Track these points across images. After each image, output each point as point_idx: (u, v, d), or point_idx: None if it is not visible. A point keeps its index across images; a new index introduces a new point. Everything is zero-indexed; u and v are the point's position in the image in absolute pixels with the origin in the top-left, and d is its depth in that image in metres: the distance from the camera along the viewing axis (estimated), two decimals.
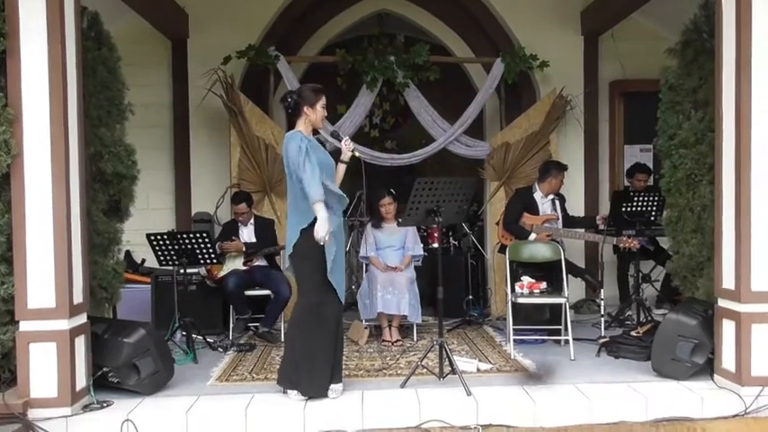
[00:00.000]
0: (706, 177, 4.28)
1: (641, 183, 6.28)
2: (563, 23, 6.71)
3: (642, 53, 6.53)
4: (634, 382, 4.06)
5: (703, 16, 4.42)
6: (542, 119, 6.43)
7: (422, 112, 6.45)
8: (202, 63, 6.23)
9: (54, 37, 3.54)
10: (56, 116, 3.56)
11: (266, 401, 3.85)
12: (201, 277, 5.74)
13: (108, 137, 4.26)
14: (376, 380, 4.28)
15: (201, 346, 5.11)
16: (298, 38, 6.88)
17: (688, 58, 4.48)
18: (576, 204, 6.46)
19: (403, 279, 5.32)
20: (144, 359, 3.91)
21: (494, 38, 6.84)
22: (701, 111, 4.33)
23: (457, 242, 6.93)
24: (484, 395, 3.82)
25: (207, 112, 6.48)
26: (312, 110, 3.89)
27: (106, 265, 4.29)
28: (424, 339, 5.42)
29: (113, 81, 4.36)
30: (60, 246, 3.58)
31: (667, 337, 4.08)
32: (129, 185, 4.48)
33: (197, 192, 6.65)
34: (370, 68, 6.26)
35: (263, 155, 6.16)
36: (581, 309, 6.45)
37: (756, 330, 3.74)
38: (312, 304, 3.87)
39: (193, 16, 6.53)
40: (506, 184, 6.46)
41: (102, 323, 4.08)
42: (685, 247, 4.44)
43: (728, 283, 3.86)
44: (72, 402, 3.61)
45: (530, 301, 4.92)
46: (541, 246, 5.21)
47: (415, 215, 4.24)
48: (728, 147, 3.84)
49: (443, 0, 6.92)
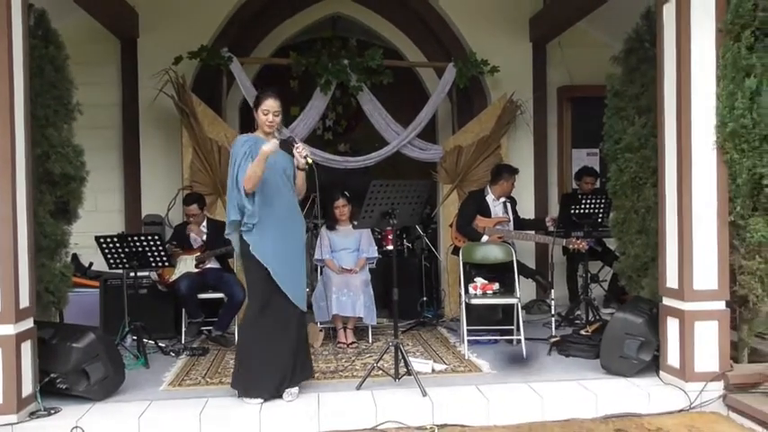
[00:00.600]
0: (650, 180, 4.44)
1: (588, 185, 6.48)
2: (512, 30, 6.86)
3: (588, 60, 6.72)
4: (584, 379, 4.17)
5: (645, 25, 4.59)
6: (493, 123, 6.56)
7: (375, 115, 6.49)
8: (153, 63, 6.11)
9: (0, 34, 3.43)
10: (2, 116, 3.46)
11: (221, 406, 3.81)
12: (152, 281, 5.62)
13: (55, 137, 4.14)
14: (332, 382, 4.29)
15: (153, 351, 5.01)
16: (251, 39, 6.82)
17: (631, 65, 4.65)
18: (527, 207, 6.61)
19: (358, 281, 5.34)
20: (93, 364, 3.83)
21: (446, 43, 6.94)
22: (645, 116, 4.49)
23: (411, 244, 6.99)
24: (439, 395, 3.87)
25: (158, 113, 6.36)
26: (257, 113, 3.95)
27: (53, 268, 4.17)
28: (379, 341, 5.45)
29: (61, 80, 4.25)
30: (6, 249, 3.48)
31: (615, 336, 4.21)
32: (77, 187, 4.37)
33: (147, 194, 6.52)
34: (323, 71, 6.27)
35: (215, 156, 6.09)
36: (532, 309, 6.58)
37: (699, 328, 3.88)
38: (257, 305, 3.89)
39: (144, 15, 6.41)
40: (459, 187, 6.56)
41: (50, 328, 3.97)
42: (631, 247, 4.60)
43: (672, 282, 4.01)
44: (18, 409, 3.51)
45: (483, 302, 5.01)
46: (494, 247, 5.32)
47: (370, 217, 4.26)
48: (670, 151, 4.00)
49: (396, 5, 6.98)
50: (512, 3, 6.85)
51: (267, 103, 3.90)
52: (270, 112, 3.89)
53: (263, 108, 3.90)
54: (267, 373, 3.84)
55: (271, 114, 3.89)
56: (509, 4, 6.85)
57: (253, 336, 3.90)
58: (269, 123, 3.91)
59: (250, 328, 3.94)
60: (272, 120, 3.90)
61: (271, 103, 3.90)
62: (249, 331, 3.94)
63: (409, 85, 7.28)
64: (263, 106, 3.91)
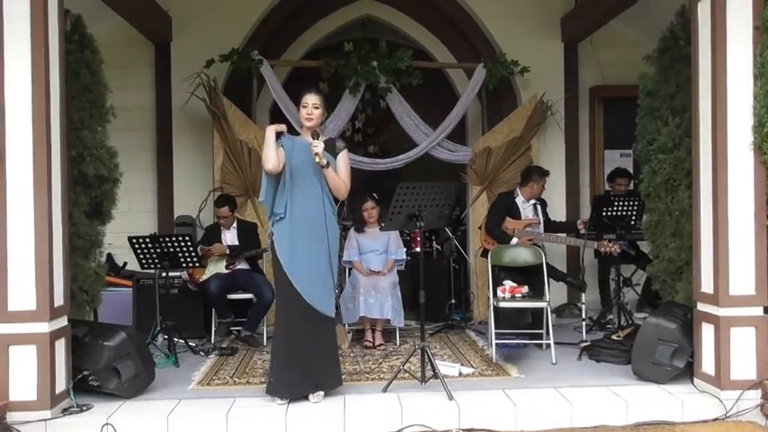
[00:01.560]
0: (684, 182, 4.35)
1: (621, 187, 6.37)
2: (543, 30, 6.78)
3: (621, 60, 6.62)
4: (615, 385, 4.09)
5: (679, 24, 4.50)
6: (523, 124, 6.49)
7: (404, 116, 6.48)
8: (186, 66, 6.21)
9: (37, 39, 3.53)
10: (38, 118, 3.54)
11: (248, 406, 3.84)
12: (183, 281, 5.70)
13: (90, 139, 4.23)
14: (358, 384, 4.28)
15: (183, 350, 5.08)
16: (281, 42, 6.88)
17: (665, 64, 4.55)
18: (558, 209, 6.53)
19: (386, 283, 5.34)
20: (125, 362, 3.89)
21: (475, 44, 6.89)
22: (679, 117, 4.40)
23: (440, 246, 6.96)
24: (466, 399, 3.84)
25: (190, 116, 6.46)
26: (299, 110, 4.02)
27: (87, 267, 4.25)
28: (406, 343, 5.43)
29: (96, 84, 4.34)
30: (41, 248, 3.56)
31: (648, 341, 4.12)
32: (111, 188, 4.45)
33: (180, 195, 6.62)
34: (353, 73, 6.29)
35: (245, 158, 6.15)
36: (563, 313, 6.50)
37: (735, 334, 3.78)
38: (279, 302, 3.99)
39: (177, 20, 6.52)
40: (488, 189, 6.51)
41: (83, 326, 4.05)
42: (665, 251, 4.50)
43: (707, 287, 3.91)
44: (51, 406, 3.58)
45: (512, 305, 4.94)
46: (523, 250, 5.25)
47: (397, 220, 4.25)
48: (705, 152, 3.91)
49: (426, 7, 6.97)
50: (543, 2, 6.78)
51: (305, 97, 3.96)
52: (309, 105, 3.95)
53: (302, 102, 3.97)
54: (286, 372, 3.86)
55: (310, 107, 3.94)
56: (540, 3, 6.78)
57: (276, 332, 3.99)
58: (307, 116, 3.94)
59: (276, 324, 4.04)
60: (311, 112, 3.94)
61: (309, 97, 3.95)
62: (276, 327, 4.03)
63: (438, 87, 7.26)
64: (302, 100, 3.97)
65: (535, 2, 6.77)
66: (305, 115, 3.96)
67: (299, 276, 3.86)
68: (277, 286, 4.02)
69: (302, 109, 3.97)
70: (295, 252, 3.87)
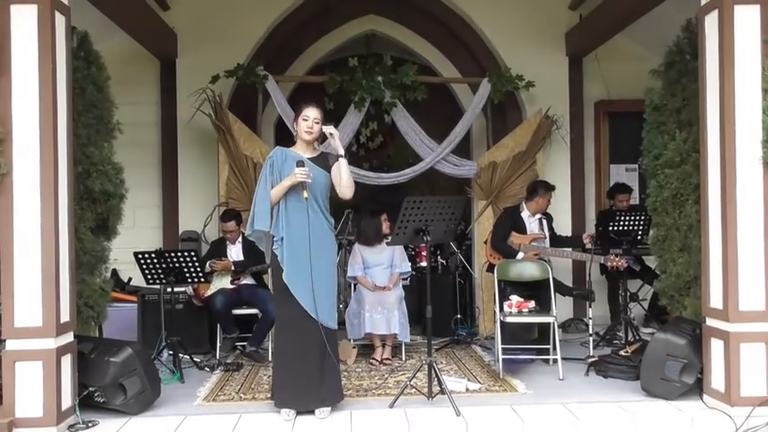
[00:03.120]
0: (691, 197, 4.33)
1: (623, 203, 6.34)
2: (548, 44, 6.80)
3: (626, 74, 6.64)
4: (623, 401, 4.06)
5: (686, 38, 4.49)
6: (528, 138, 6.49)
7: (409, 131, 6.49)
8: (191, 82, 6.23)
9: (45, 56, 3.55)
10: (45, 134, 3.55)
11: (253, 422, 3.82)
12: (188, 296, 5.69)
13: (96, 155, 4.24)
14: (365, 399, 4.25)
15: (188, 366, 5.06)
16: (286, 57, 6.91)
17: (672, 78, 4.55)
18: (563, 224, 6.51)
19: (392, 298, 5.31)
20: (130, 378, 3.87)
21: (480, 58, 6.91)
22: (686, 131, 4.39)
23: (445, 261, 6.94)
24: (473, 415, 3.81)
25: (195, 131, 6.47)
26: (297, 122, 4.01)
27: (93, 283, 4.25)
28: (412, 359, 5.40)
29: (102, 100, 4.36)
30: (48, 264, 3.55)
31: (656, 357, 4.09)
32: (116, 204, 4.45)
33: (185, 210, 6.62)
34: (357, 88, 6.30)
35: (251, 173, 6.15)
36: (569, 328, 6.46)
37: (745, 350, 3.74)
38: (279, 317, 4.02)
39: (182, 36, 6.55)
40: (494, 204, 6.50)
41: (89, 342, 4.03)
42: (672, 266, 4.48)
43: (716, 302, 3.88)
44: (57, 422, 3.56)
45: (518, 320, 4.92)
46: (529, 265, 5.23)
47: (404, 234, 4.24)
48: (713, 167, 3.89)
49: (430, 22, 6.99)
50: (547, 17, 6.80)
51: (306, 111, 3.98)
52: (310, 119, 3.96)
53: (303, 115, 3.97)
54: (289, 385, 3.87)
55: (311, 120, 3.95)
56: (544, 18, 6.80)
57: (276, 346, 4.03)
58: (307, 129, 3.95)
59: (277, 338, 4.05)
60: (311, 126, 3.95)
61: (310, 110, 3.96)
62: (278, 341, 4.05)
63: (443, 101, 7.28)
64: (302, 113, 3.98)
65: (540, 16, 6.80)
66: (305, 128, 3.95)
67: (297, 286, 3.85)
68: (276, 301, 4.06)
69: (302, 122, 3.96)
70: (293, 261, 3.86)
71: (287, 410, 3.86)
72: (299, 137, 4.02)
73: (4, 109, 3.53)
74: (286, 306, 3.90)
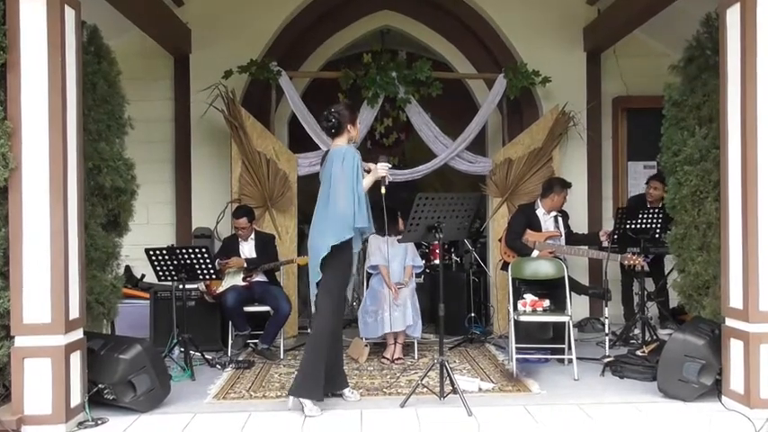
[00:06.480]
0: (711, 194, 4.23)
1: (657, 191, 5.97)
2: (565, 40, 6.71)
3: (645, 70, 6.56)
4: (640, 402, 3.99)
5: (706, 33, 4.40)
6: (545, 135, 6.40)
7: (423, 127, 6.43)
8: (204, 78, 6.22)
9: (54, 51, 3.53)
10: (55, 130, 3.54)
11: (264, 420, 3.79)
12: (200, 293, 5.68)
13: (107, 151, 4.23)
14: (376, 399, 4.21)
15: (199, 363, 5.04)
16: (300, 53, 6.88)
17: (691, 74, 4.45)
18: (580, 221, 6.41)
19: (406, 291, 5.29)
20: (140, 376, 3.86)
21: (496, 54, 6.84)
22: (706, 127, 4.29)
23: (459, 259, 6.87)
24: (486, 415, 3.75)
25: (208, 127, 6.46)
26: (353, 127, 4.07)
27: (104, 279, 4.24)
28: (424, 357, 5.34)
29: (113, 95, 4.35)
30: (57, 260, 3.54)
31: (674, 358, 4.01)
32: (127, 200, 4.45)
33: (198, 206, 6.62)
34: (371, 84, 6.25)
35: (263, 170, 6.13)
36: (585, 327, 6.37)
37: (765, 351, 3.66)
38: (334, 317, 4.01)
39: (196, 32, 6.54)
40: (509, 201, 6.42)
41: (99, 339, 4.03)
42: (691, 265, 4.38)
43: (736, 302, 3.79)
44: (66, 419, 3.55)
45: (533, 319, 4.84)
46: (544, 263, 5.15)
47: (416, 231, 4.18)
48: (734, 164, 3.80)
49: (445, 17, 6.93)
50: (565, 12, 6.71)
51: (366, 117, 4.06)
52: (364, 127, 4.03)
53: (360, 119, 4.16)
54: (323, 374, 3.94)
55: (366, 127, 4.02)
56: (562, 13, 6.71)
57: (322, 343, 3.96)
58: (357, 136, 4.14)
59: (323, 335, 3.97)
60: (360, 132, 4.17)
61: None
62: (320, 339, 3.97)
63: (458, 97, 7.20)
64: (359, 118, 4.15)
65: (557, 11, 6.70)
66: (357, 135, 4.14)
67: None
68: (333, 302, 3.97)
69: (359, 125, 4.16)
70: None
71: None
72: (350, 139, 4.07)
73: (14, 104, 3.52)
74: (340, 306, 4.11)
